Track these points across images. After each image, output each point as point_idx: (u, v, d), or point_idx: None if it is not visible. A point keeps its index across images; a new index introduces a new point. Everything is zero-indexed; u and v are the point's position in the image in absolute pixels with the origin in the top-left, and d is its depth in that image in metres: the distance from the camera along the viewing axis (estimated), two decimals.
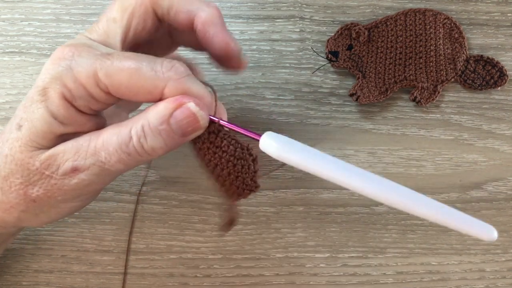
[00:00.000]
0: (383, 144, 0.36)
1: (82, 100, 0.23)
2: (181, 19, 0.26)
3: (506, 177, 0.36)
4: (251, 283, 0.36)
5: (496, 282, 0.36)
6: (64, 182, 0.23)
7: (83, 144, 0.23)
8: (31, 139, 0.23)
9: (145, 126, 0.23)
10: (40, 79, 0.23)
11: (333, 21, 0.37)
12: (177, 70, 0.23)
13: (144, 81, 0.22)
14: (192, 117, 0.23)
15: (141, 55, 0.23)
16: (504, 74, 0.36)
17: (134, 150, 0.23)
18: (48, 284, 0.36)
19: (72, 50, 0.23)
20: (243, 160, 0.24)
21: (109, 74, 0.22)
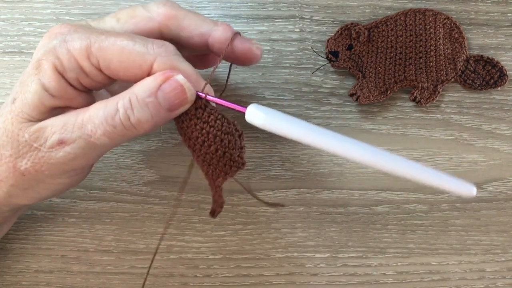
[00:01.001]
0: (383, 144, 0.36)
1: (73, 73, 0.23)
2: (193, 42, 0.26)
3: (506, 177, 0.36)
4: (251, 283, 0.36)
5: (496, 282, 0.36)
6: (51, 155, 0.23)
7: (71, 118, 0.23)
8: (23, 111, 0.23)
9: (132, 98, 0.23)
10: (35, 53, 0.24)
11: (333, 21, 0.37)
12: (167, 48, 0.23)
13: (135, 55, 0.23)
14: (179, 89, 0.23)
15: (134, 34, 0.24)
16: (504, 74, 0.36)
17: (120, 123, 0.23)
18: (48, 284, 0.36)
19: (68, 26, 0.23)
20: (230, 135, 0.24)
21: (102, 47, 0.22)
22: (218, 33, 0.26)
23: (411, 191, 0.36)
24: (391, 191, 0.36)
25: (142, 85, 0.23)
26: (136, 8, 0.26)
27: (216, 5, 0.37)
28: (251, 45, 0.27)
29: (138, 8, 0.26)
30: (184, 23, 0.26)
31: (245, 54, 0.27)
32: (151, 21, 0.26)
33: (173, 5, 0.26)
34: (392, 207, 0.36)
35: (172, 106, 0.23)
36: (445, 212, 0.36)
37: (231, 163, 0.24)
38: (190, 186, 0.36)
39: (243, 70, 0.36)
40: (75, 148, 0.23)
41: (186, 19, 0.26)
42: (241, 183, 0.26)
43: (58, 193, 0.27)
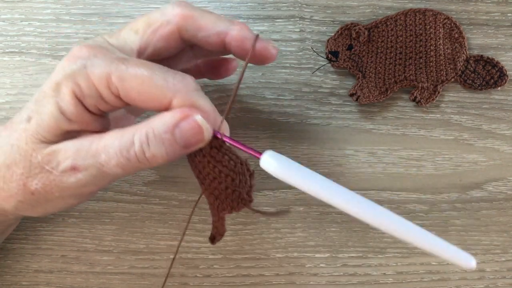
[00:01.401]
0: (383, 144, 0.36)
1: (92, 100, 0.23)
2: (211, 41, 0.26)
3: (506, 177, 0.36)
4: (251, 283, 0.36)
5: (496, 282, 0.36)
6: (62, 179, 0.23)
7: (85, 144, 0.23)
8: (38, 131, 0.23)
9: (149, 133, 0.23)
10: (54, 75, 0.23)
11: (333, 21, 0.37)
12: (187, 84, 0.23)
13: (154, 89, 0.22)
14: (197, 129, 0.23)
15: (155, 64, 0.23)
16: (504, 74, 0.36)
17: (135, 156, 0.23)
18: (48, 284, 0.36)
19: (88, 50, 0.23)
20: (241, 175, 0.24)
21: (122, 78, 0.22)
22: (235, 32, 0.26)
23: (411, 191, 0.36)
24: (391, 191, 0.36)
25: (160, 121, 0.23)
26: (151, 15, 0.26)
27: (216, 5, 0.37)
28: (267, 44, 0.27)
29: (153, 14, 0.26)
30: (201, 22, 0.26)
31: (261, 54, 0.27)
32: (169, 25, 0.25)
33: (188, 5, 0.26)
34: (392, 207, 0.36)
35: (188, 144, 0.23)
36: (445, 212, 0.36)
37: (239, 200, 0.24)
38: (190, 186, 0.36)
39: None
40: (87, 175, 0.23)
41: (202, 18, 0.26)
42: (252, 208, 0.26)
43: (64, 210, 0.27)
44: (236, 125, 0.36)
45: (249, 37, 0.26)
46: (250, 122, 0.36)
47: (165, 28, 0.25)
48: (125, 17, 0.36)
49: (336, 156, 0.36)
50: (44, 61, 0.36)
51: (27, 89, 0.36)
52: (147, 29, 0.25)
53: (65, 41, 0.36)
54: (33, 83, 0.36)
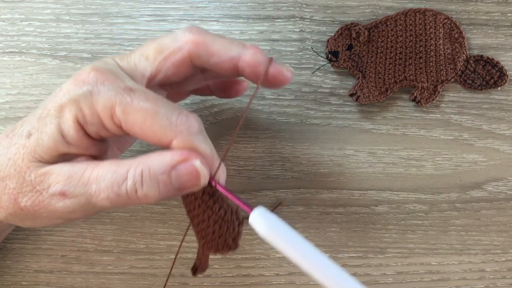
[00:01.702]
0: (383, 144, 0.36)
1: (94, 127, 0.23)
2: (223, 66, 0.26)
3: (506, 177, 0.36)
4: (251, 283, 0.36)
5: (496, 282, 0.36)
6: (51, 202, 0.23)
7: (78, 172, 0.23)
8: (36, 150, 0.23)
9: (145, 171, 0.22)
10: (59, 96, 0.23)
11: (333, 21, 0.37)
12: (190, 125, 0.23)
13: (156, 127, 0.22)
14: (194, 174, 0.23)
15: (162, 100, 0.23)
16: (504, 74, 0.36)
17: (125, 193, 0.22)
18: (48, 284, 0.36)
19: (96, 75, 0.23)
20: (229, 222, 0.24)
21: (125, 111, 0.22)
22: (248, 56, 0.25)
23: (411, 191, 0.36)
24: (391, 191, 0.36)
25: (158, 160, 0.23)
26: (162, 41, 0.25)
27: (216, 5, 0.37)
28: (281, 68, 0.26)
29: (165, 40, 0.25)
30: (213, 48, 0.25)
31: (275, 77, 0.26)
32: (180, 51, 0.25)
33: (199, 30, 0.25)
34: (392, 207, 0.36)
35: (183, 188, 0.23)
36: (445, 212, 0.36)
37: (224, 245, 0.24)
38: None
39: None
40: (74, 203, 0.23)
41: (214, 44, 0.25)
42: None
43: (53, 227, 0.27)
44: (236, 125, 0.36)
45: (263, 62, 0.26)
46: (250, 122, 0.36)
47: (176, 55, 0.25)
48: (125, 17, 0.36)
49: (336, 156, 0.36)
50: (44, 61, 0.36)
51: (27, 89, 0.36)
52: (158, 55, 0.25)
53: (65, 41, 0.36)
54: (33, 83, 0.36)
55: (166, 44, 0.25)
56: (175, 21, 0.36)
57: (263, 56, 0.26)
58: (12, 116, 0.36)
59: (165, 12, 0.37)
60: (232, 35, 0.36)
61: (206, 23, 0.37)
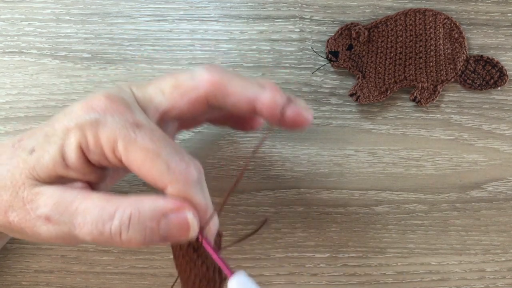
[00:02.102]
0: (383, 144, 0.36)
1: (95, 156, 0.23)
2: (239, 107, 0.25)
3: (506, 177, 0.36)
4: None
5: (496, 282, 0.36)
6: (36, 223, 0.23)
7: (67, 199, 0.23)
8: (35, 168, 0.23)
9: (133, 215, 0.22)
10: (68, 118, 0.23)
11: (333, 21, 0.37)
12: (188, 175, 0.22)
13: (154, 170, 0.22)
14: (184, 227, 0.22)
15: (166, 141, 0.23)
16: (504, 74, 0.36)
17: (109, 233, 0.22)
18: (48, 284, 0.36)
19: (106, 104, 0.23)
20: (211, 279, 0.24)
21: (127, 148, 0.22)
22: (266, 98, 0.25)
23: (411, 191, 0.36)
24: (391, 191, 0.36)
25: (150, 205, 0.22)
26: (180, 77, 0.25)
27: (216, 5, 0.37)
28: (300, 110, 0.25)
29: (182, 77, 0.25)
30: (230, 89, 0.25)
31: (294, 120, 0.25)
32: (196, 90, 0.25)
33: (218, 70, 0.25)
34: (392, 207, 0.36)
35: (169, 238, 0.22)
36: (445, 212, 0.36)
37: None
38: None
39: (243, 70, 0.36)
40: (57, 230, 0.23)
41: (231, 84, 0.25)
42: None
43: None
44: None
45: (281, 104, 0.25)
46: None
47: (192, 93, 0.25)
48: (125, 17, 0.36)
49: (336, 156, 0.36)
50: (44, 61, 0.36)
51: (27, 89, 0.36)
52: (174, 91, 0.25)
53: (65, 41, 0.36)
54: (33, 83, 0.36)
55: (183, 81, 0.25)
56: (175, 21, 0.36)
57: (281, 97, 0.25)
58: (12, 116, 0.36)
59: (165, 12, 0.37)
60: (232, 35, 0.36)
61: (206, 23, 0.37)
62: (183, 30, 0.36)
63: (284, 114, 0.25)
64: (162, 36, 0.36)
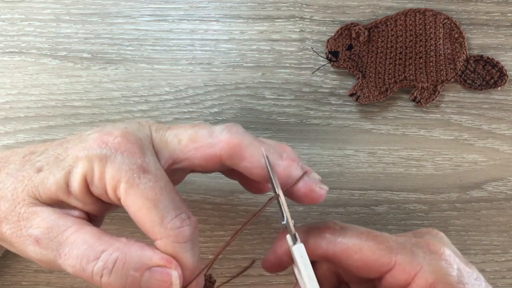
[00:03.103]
0: (383, 144, 0.36)
1: (97, 190, 0.23)
2: (252, 172, 0.25)
3: (506, 177, 0.36)
4: (251, 283, 0.36)
5: (496, 282, 0.36)
6: (25, 241, 0.23)
7: (60, 227, 0.23)
8: (38, 188, 0.23)
9: (119, 261, 0.22)
10: (80, 147, 0.23)
11: (333, 21, 0.37)
12: (180, 233, 0.22)
13: (148, 220, 0.22)
14: (166, 284, 0.22)
15: (167, 193, 0.23)
16: (504, 74, 0.36)
17: (90, 272, 0.22)
18: (48, 284, 0.36)
19: (121, 143, 0.23)
20: None
21: (127, 191, 0.22)
22: (281, 168, 0.24)
23: (411, 191, 0.36)
24: (391, 191, 0.36)
25: (137, 254, 0.22)
26: (199, 131, 0.25)
27: (216, 5, 0.37)
28: (313, 186, 0.25)
29: (202, 132, 0.25)
30: (247, 153, 0.24)
31: (306, 194, 0.25)
32: (213, 148, 0.24)
33: (238, 131, 0.25)
34: (392, 207, 0.36)
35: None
36: (445, 212, 0.36)
37: None
38: (191, 186, 0.36)
39: (243, 70, 0.36)
40: (43, 254, 0.23)
41: (249, 148, 0.24)
42: None
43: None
44: None
45: (295, 177, 0.25)
46: (250, 122, 0.36)
47: (208, 150, 0.24)
48: (125, 17, 0.36)
49: (336, 156, 0.36)
50: (44, 61, 0.36)
51: (27, 89, 0.36)
52: (190, 144, 0.25)
53: (65, 41, 0.36)
54: (33, 83, 0.36)
55: (202, 136, 0.25)
56: (175, 21, 0.36)
57: (296, 170, 0.25)
58: (12, 116, 0.36)
59: (165, 12, 0.37)
60: (232, 35, 0.36)
61: (206, 23, 0.37)
62: (183, 30, 0.36)
63: (297, 187, 0.25)
64: (162, 36, 0.36)
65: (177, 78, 0.36)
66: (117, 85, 0.36)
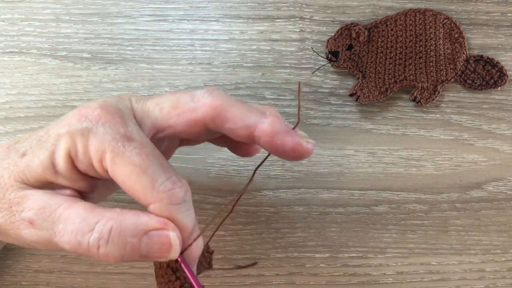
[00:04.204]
0: (383, 144, 0.37)
1: (83, 165, 0.23)
2: (238, 133, 0.24)
3: (506, 177, 0.36)
4: (251, 283, 0.36)
5: (496, 282, 0.36)
6: (19, 226, 0.23)
7: (52, 206, 0.22)
8: (24, 172, 0.23)
9: (114, 229, 0.21)
10: (61, 125, 0.23)
11: (333, 21, 0.37)
12: (173, 195, 0.22)
13: (139, 187, 0.22)
14: (165, 246, 0.22)
15: (155, 158, 0.22)
16: (504, 74, 0.36)
17: (87, 245, 0.21)
18: (48, 284, 0.36)
19: (101, 114, 0.23)
20: None
21: (114, 161, 0.22)
22: (265, 126, 0.24)
23: (411, 191, 0.36)
24: (391, 191, 0.36)
25: (132, 221, 0.22)
26: (181, 97, 0.25)
27: (216, 5, 0.37)
28: (301, 139, 0.24)
29: (183, 97, 0.25)
30: (229, 114, 0.24)
31: (294, 149, 0.24)
32: (195, 112, 0.24)
33: (220, 94, 0.24)
34: (392, 207, 0.36)
35: (149, 256, 0.22)
36: (445, 212, 0.36)
37: None
38: (191, 186, 0.36)
39: (243, 70, 0.36)
40: (38, 235, 0.22)
41: (231, 110, 0.24)
42: None
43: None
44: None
45: (281, 132, 0.24)
46: None
47: (190, 115, 0.24)
48: (125, 17, 0.36)
49: (336, 156, 0.36)
50: (44, 61, 0.36)
51: (27, 89, 0.36)
52: (172, 110, 0.24)
53: (65, 41, 0.36)
54: (33, 83, 0.36)
55: (183, 102, 0.24)
56: (175, 21, 0.36)
57: (281, 125, 0.24)
58: (12, 116, 0.36)
59: (165, 12, 0.37)
60: (232, 35, 0.36)
61: (206, 23, 0.37)
62: (183, 30, 0.36)
63: (284, 141, 0.24)
64: (162, 36, 0.36)
65: (177, 78, 0.36)
66: (117, 85, 0.36)
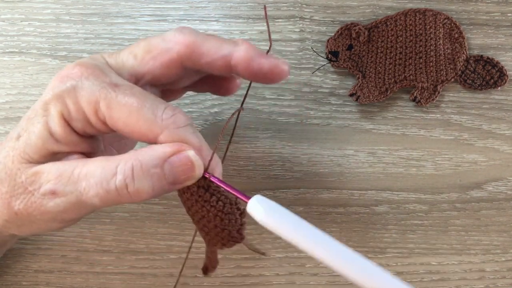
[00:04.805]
0: (383, 144, 0.36)
1: (79, 123, 0.23)
2: (215, 66, 0.25)
3: (506, 177, 0.36)
4: (251, 283, 0.36)
5: (496, 282, 0.36)
6: (42, 202, 0.23)
7: (68, 170, 0.22)
8: (25, 151, 0.23)
9: (135, 166, 0.22)
10: (45, 94, 0.23)
11: (333, 21, 0.37)
12: (177, 120, 0.22)
13: (142, 122, 0.22)
14: (188, 166, 0.22)
15: (147, 94, 0.22)
16: (504, 74, 0.36)
17: (115, 189, 0.22)
18: (48, 284, 0.36)
19: (81, 70, 0.23)
20: (230, 214, 0.24)
21: (109, 106, 0.22)
22: (240, 53, 0.24)
23: (411, 191, 0.36)
24: (391, 191, 0.36)
25: (150, 153, 0.22)
26: (152, 40, 0.25)
27: (216, 5, 0.37)
28: (277, 61, 0.25)
29: (154, 40, 0.25)
30: (203, 49, 0.24)
31: (272, 71, 0.25)
32: (169, 52, 0.24)
33: (190, 31, 0.25)
34: (392, 207, 0.36)
35: (177, 181, 0.22)
36: (445, 212, 0.36)
37: (229, 237, 0.24)
38: None
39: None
40: (65, 201, 0.22)
41: (205, 44, 0.24)
42: (247, 244, 0.25)
43: (49, 232, 0.26)
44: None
45: (256, 56, 0.24)
46: (250, 122, 0.36)
47: (165, 55, 0.24)
48: (125, 17, 0.36)
49: (336, 156, 0.36)
50: (44, 61, 0.36)
51: (27, 89, 0.36)
52: (146, 55, 0.24)
53: (65, 41, 0.36)
54: (33, 83, 0.36)
55: (155, 44, 0.24)
56: (175, 21, 0.36)
57: (256, 50, 0.25)
58: (12, 116, 0.36)
59: (165, 12, 0.37)
60: (232, 35, 0.36)
61: (206, 23, 0.37)
62: None
63: (260, 64, 0.24)
64: None
65: None
66: None
